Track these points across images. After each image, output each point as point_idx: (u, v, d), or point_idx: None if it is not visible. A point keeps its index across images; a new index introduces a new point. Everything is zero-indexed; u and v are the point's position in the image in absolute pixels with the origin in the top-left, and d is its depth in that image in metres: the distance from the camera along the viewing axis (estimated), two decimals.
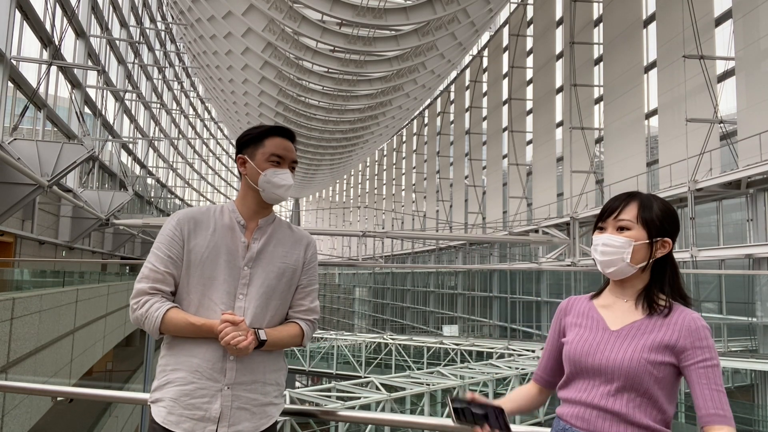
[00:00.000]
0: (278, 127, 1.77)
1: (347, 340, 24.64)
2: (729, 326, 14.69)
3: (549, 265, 20.73)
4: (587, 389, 1.41)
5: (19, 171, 10.68)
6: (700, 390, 1.31)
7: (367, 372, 21.55)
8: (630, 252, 1.42)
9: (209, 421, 1.55)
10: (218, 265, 1.64)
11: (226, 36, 22.42)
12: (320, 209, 69.69)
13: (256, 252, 1.68)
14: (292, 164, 1.77)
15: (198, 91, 48.17)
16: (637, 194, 1.49)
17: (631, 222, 1.44)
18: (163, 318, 1.58)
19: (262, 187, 1.70)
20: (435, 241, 32.15)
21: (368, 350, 24.15)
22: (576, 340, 1.46)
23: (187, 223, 1.68)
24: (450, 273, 33.54)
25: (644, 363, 1.33)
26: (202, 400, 1.56)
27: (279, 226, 1.78)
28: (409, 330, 36.10)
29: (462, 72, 36.13)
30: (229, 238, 1.68)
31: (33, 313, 8.15)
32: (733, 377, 14.74)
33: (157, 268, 1.63)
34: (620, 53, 18.97)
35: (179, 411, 1.55)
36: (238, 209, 1.73)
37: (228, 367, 1.58)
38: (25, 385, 2.51)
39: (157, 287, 1.62)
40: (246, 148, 1.75)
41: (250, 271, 1.66)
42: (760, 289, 14.14)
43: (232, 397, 1.57)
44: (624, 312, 1.44)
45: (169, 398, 1.57)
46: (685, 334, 1.34)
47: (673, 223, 1.45)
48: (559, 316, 1.57)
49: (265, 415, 1.64)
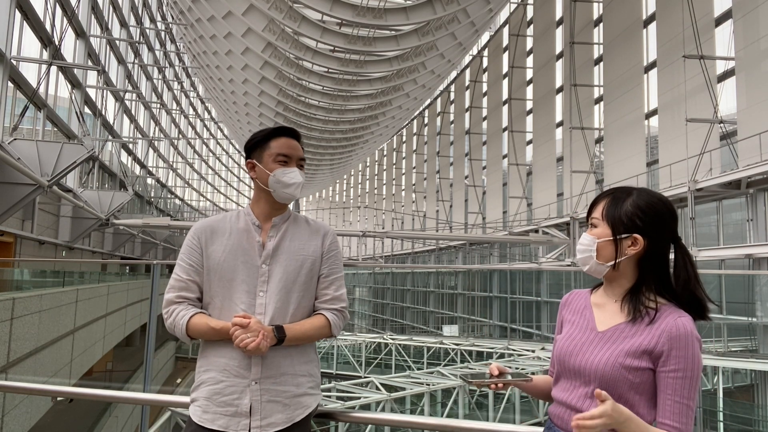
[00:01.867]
0: (282, 128, 1.81)
1: (347, 340, 24.64)
2: (729, 326, 14.69)
3: (549, 265, 20.72)
4: (569, 389, 1.40)
5: (19, 171, 10.67)
6: (663, 399, 1.27)
7: (367, 372, 21.55)
8: (595, 249, 1.40)
9: (242, 416, 1.61)
10: (236, 267, 1.70)
11: (226, 36, 22.41)
12: (320, 209, 69.68)
13: (272, 249, 1.73)
14: (300, 162, 1.81)
15: (198, 91, 48.16)
16: (615, 190, 1.43)
17: (598, 219, 1.43)
18: (188, 324, 1.66)
19: (273, 187, 1.74)
20: (435, 241, 32.14)
21: (368, 350, 24.16)
22: (565, 338, 1.45)
23: (204, 232, 1.75)
24: (450, 273, 33.54)
25: (619, 368, 1.30)
26: (232, 397, 1.62)
27: (295, 222, 1.82)
28: (409, 330, 36.09)
29: (462, 72, 36.12)
30: (245, 240, 1.73)
31: (33, 313, 8.15)
32: (733, 377, 14.73)
33: (180, 277, 1.72)
34: (620, 53, 18.97)
35: (213, 409, 1.63)
36: (253, 212, 1.79)
37: (253, 363, 1.64)
38: (25, 385, 2.51)
39: (182, 295, 1.71)
40: (253, 153, 1.80)
41: (269, 268, 1.71)
42: (760, 289, 14.13)
43: (260, 392, 1.63)
44: (612, 313, 1.41)
45: (203, 398, 1.65)
46: (665, 339, 1.28)
47: (652, 219, 1.35)
48: (560, 309, 1.57)
49: (300, 405, 1.68)
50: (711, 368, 13.80)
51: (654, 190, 1.46)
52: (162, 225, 20.73)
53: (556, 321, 1.58)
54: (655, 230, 1.36)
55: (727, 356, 13.30)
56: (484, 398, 16.23)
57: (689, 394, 1.26)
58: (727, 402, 13.88)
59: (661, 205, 1.38)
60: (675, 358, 1.27)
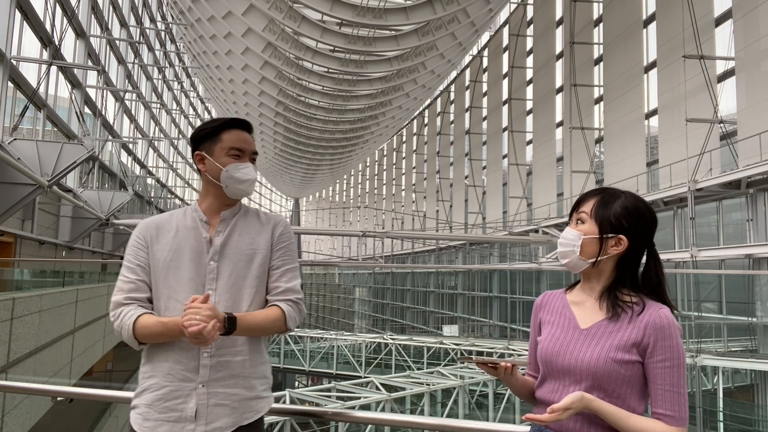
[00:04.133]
0: (234, 120, 1.72)
1: (347, 340, 24.65)
2: (729, 326, 14.69)
3: (549, 265, 20.71)
4: (558, 390, 1.40)
5: (19, 171, 10.66)
6: (655, 389, 1.32)
7: (367, 372, 21.56)
8: (579, 245, 1.43)
9: (186, 421, 1.53)
10: (182, 266, 1.62)
11: (226, 36, 22.43)
12: (320, 209, 69.70)
13: (220, 245, 1.64)
14: (252, 156, 1.72)
15: (198, 91, 48.16)
16: (604, 190, 1.47)
17: (585, 216, 1.45)
18: (135, 325, 1.55)
19: (225, 183, 1.65)
20: (435, 241, 32.14)
21: (368, 350, 24.17)
22: (548, 339, 1.46)
23: (148, 230, 1.67)
24: (450, 273, 33.54)
25: (611, 362, 1.33)
26: (176, 402, 1.55)
27: (245, 216, 1.72)
28: (409, 330, 36.10)
29: (462, 72, 36.12)
30: (192, 237, 1.65)
31: (33, 313, 8.15)
32: (733, 377, 14.74)
33: (127, 278, 1.62)
34: (620, 53, 18.97)
35: (155, 416, 1.55)
36: (200, 208, 1.70)
37: (202, 365, 1.56)
38: (25, 385, 2.51)
39: (131, 296, 1.61)
40: (202, 144, 1.70)
41: (217, 265, 1.62)
42: (760, 289, 14.12)
43: (207, 395, 1.55)
44: (592, 310, 1.43)
45: (144, 404, 1.58)
46: (651, 331, 1.33)
47: (637, 222, 1.41)
48: (535, 312, 1.57)
49: (249, 409, 1.61)
50: (711, 368, 13.81)
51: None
52: None
53: (531, 324, 1.58)
54: (638, 233, 1.42)
55: (727, 356, 13.30)
56: (484, 398, 16.24)
57: (678, 381, 1.31)
58: (727, 402, 13.88)
59: (646, 210, 1.44)
60: (661, 348, 1.32)
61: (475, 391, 16.18)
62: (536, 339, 1.52)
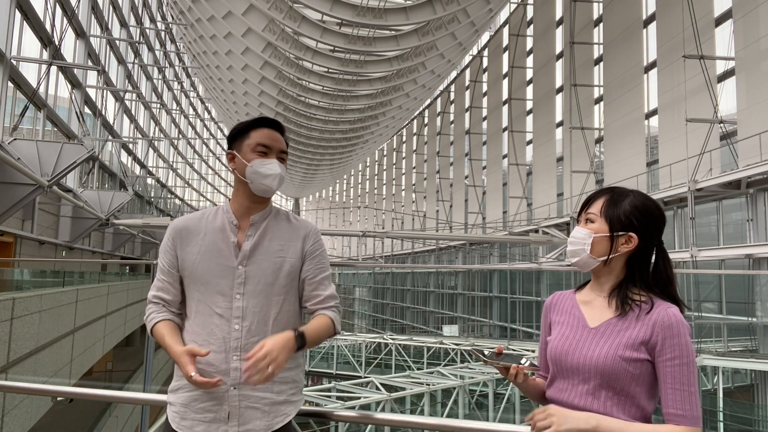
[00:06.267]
0: (264, 118, 1.74)
1: (347, 340, 24.63)
2: (729, 326, 14.68)
3: (549, 265, 20.72)
4: (567, 389, 1.41)
5: (19, 171, 10.67)
6: (665, 389, 1.32)
7: (367, 372, 21.55)
8: (590, 244, 1.44)
9: (220, 422, 1.57)
10: (211, 269, 1.63)
11: (226, 36, 22.43)
12: (320, 209, 69.72)
13: (249, 249, 1.65)
14: (280, 154, 1.72)
15: (198, 91, 48.16)
16: (612, 189, 1.48)
17: (595, 215, 1.46)
18: (153, 331, 1.65)
19: (250, 178, 1.66)
20: (435, 241, 32.15)
21: (368, 350, 24.15)
22: (557, 338, 1.46)
23: (178, 232, 1.70)
24: (450, 273, 33.54)
25: (619, 360, 1.33)
26: (210, 403, 1.58)
27: (276, 219, 1.73)
28: (409, 330, 36.09)
29: (462, 72, 36.13)
30: (221, 240, 1.66)
31: (33, 313, 8.15)
32: (733, 377, 14.73)
33: (159, 277, 1.70)
34: (620, 53, 18.97)
35: (192, 416, 1.60)
36: (231, 209, 1.71)
37: (232, 368, 1.58)
38: (25, 385, 2.51)
39: (159, 296, 1.69)
40: (234, 143, 1.73)
41: (245, 270, 1.63)
42: (760, 289, 14.12)
43: (239, 397, 1.58)
44: (601, 308, 1.44)
45: (180, 404, 1.62)
46: (659, 329, 1.33)
47: (647, 220, 1.42)
48: (545, 312, 1.58)
49: (279, 413, 1.63)
50: (711, 368, 13.80)
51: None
52: (162, 225, 20.69)
53: (542, 324, 1.60)
54: (648, 231, 1.43)
55: (727, 356, 13.29)
56: (484, 398, 16.23)
57: (689, 379, 1.30)
58: (727, 402, 13.87)
59: (655, 208, 1.45)
60: (670, 346, 1.32)
61: (475, 391, 16.17)
62: (546, 339, 1.53)
